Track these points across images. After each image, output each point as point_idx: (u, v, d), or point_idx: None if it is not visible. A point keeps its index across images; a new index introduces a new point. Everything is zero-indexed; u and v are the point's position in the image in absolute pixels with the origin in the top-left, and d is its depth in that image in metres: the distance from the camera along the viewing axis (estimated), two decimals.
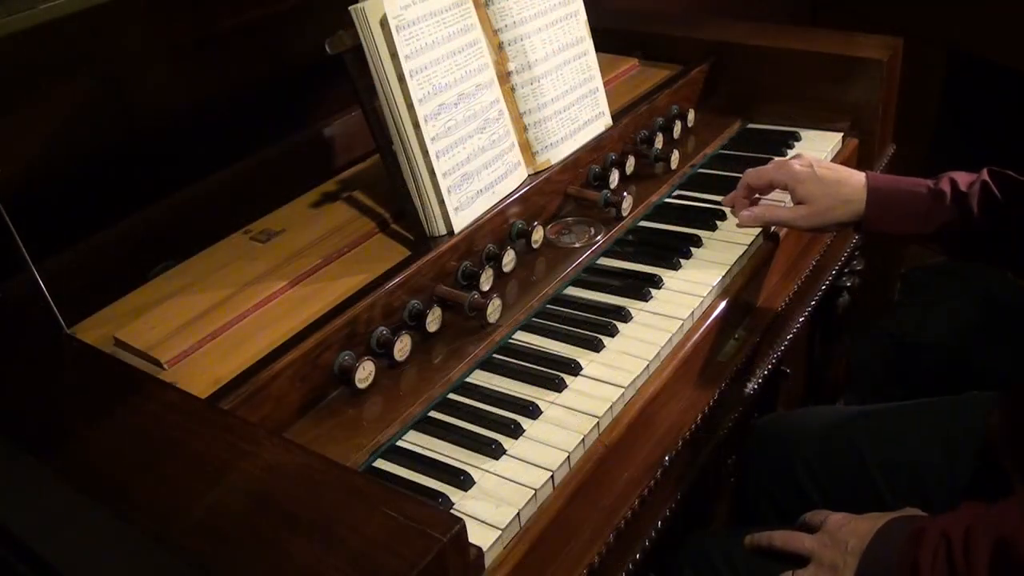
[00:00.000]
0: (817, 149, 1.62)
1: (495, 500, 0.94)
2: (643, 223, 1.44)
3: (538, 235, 1.33)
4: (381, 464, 1.01)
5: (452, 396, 1.11)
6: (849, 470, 1.31)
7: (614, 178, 1.47)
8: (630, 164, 1.51)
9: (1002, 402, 1.22)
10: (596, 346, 1.16)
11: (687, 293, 1.26)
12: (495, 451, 1.01)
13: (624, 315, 1.21)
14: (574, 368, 1.12)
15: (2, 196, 0.98)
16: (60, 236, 1.16)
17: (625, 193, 1.41)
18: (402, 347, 1.12)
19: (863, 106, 1.66)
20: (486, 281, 1.23)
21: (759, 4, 2.63)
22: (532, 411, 1.06)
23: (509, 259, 1.27)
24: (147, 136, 1.32)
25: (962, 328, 2.72)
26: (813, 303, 1.55)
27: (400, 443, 1.04)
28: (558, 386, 1.10)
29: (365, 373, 1.07)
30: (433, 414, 1.08)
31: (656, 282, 1.28)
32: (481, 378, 1.14)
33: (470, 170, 1.27)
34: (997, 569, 0.92)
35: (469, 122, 1.27)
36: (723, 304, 1.27)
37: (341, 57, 1.18)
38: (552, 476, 0.98)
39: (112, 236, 1.22)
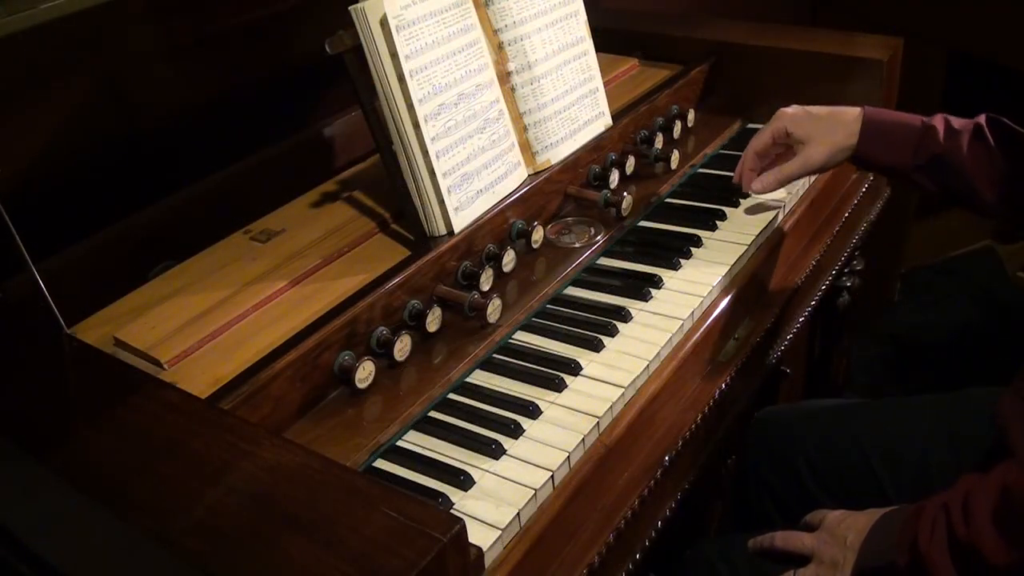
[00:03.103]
0: None
1: (495, 500, 0.95)
2: (643, 223, 1.44)
3: (538, 235, 1.33)
4: (381, 464, 1.01)
5: (452, 396, 1.11)
6: (851, 463, 1.30)
7: (614, 178, 1.47)
8: (630, 164, 1.51)
9: (1016, 386, 1.18)
10: (596, 346, 1.16)
11: (687, 293, 1.26)
12: (495, 451, 1.01)
13: (624, 315, 1.21)
14: (574, 368, 1.12)
15: (2, 196, 0.98)
16: (60, 236, 1.16)
17: (625, 193, 1.41)
18: (402, 347, 1.12)
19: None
20: (486, 281, 1.23)
21: (759, 4, 2.63)
22: (532, 411, 1.06)
23: (509, 259, 1.27)
24: (147, 136, 1.32)
25: (962, 328, 2.72)
26: (813, 303, 1.55)
27: (400, 443, 1.04)
28: (558, 386, 1.10)
29: (365, 373, 1.07)
30: (433, 414, 1.08)
31: (656, 282, 1.28)
32: (481, 378, 1.14)
33: (470, 170, 1.27)
34: (1002, 519, 0.92)
35: (469, 122, 1.27)
36: (723, 304, 1.27)
37: (341, 57, 1.18)
38: (552, 476, 0.98)
39: (112, 236, 1.22)
